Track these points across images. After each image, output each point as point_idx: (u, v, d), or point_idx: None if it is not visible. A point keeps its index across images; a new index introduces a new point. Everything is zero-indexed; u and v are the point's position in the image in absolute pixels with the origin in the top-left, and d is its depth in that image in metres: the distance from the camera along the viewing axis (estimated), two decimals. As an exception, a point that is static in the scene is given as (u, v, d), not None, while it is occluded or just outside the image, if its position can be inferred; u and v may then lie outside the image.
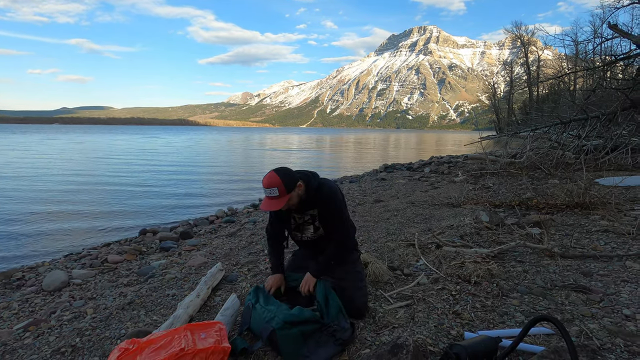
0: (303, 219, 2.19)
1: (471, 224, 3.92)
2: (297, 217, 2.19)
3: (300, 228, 2.22)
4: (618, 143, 7.94)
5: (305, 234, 2.22)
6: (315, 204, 2.11)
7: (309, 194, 2.07)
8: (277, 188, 1.92)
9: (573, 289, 2.30)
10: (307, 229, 2.20)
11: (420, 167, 12.46)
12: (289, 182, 1.95)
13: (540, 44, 43.31)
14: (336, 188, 2.18)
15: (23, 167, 15.95)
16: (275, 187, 1.92)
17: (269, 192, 1.94)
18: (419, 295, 2.34)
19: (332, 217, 2.12)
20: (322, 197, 2.09)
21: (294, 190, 1.98)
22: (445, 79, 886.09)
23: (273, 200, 1.96)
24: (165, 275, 3.30)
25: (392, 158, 21.05)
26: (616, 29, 8.58)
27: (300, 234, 2.24)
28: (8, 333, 2.39)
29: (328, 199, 2.10)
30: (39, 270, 4.31)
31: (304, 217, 2.18)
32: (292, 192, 1.98)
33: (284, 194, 1.94)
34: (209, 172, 16.00)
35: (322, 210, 2.12)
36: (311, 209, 2.14)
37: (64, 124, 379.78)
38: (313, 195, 2.08)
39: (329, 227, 2.15)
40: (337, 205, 2.13)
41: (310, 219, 2.18)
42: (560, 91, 29.41)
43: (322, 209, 2.12)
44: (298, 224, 2.22)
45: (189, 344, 1.62)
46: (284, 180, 1.94)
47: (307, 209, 2.14)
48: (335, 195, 2.13)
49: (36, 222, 7.09)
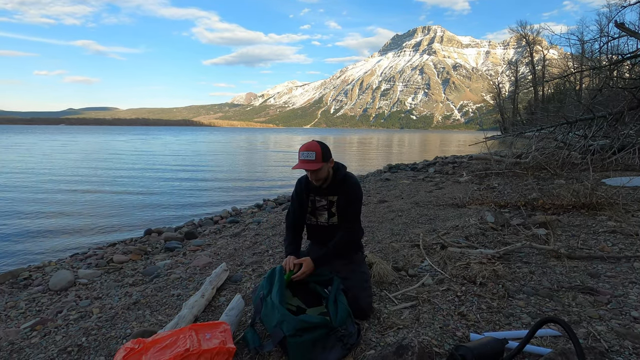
0: (321, 202, 2.28)
1: (476, 224, 3.89)
2: (316, 199, 2.29)
3: (315, 213, 2.31)
4: (625, 143, 7.86)
5: (320, 219, 2.31)
6: (337, 190, 2.23)
7: (335, 179, 2.22)
8: (315, 152, 2.08)
9: (580, 290, 2.28)
10: (322, 214, 2.30)
11: (424, 168, 12.41)
12: (326, 152, 2.13)
13: (545, 43, 43.07)
14: (359, 184, 2.30)
15: (29, 167, 16.12)
16: (313, 151, 2.08)
17: (306, 154, 2.08)
18: (424, 296, 2.32)
19: (350, 206, 2.22)
20: (347, 186, 2.22)
21: (328, 162, 2.13)
22: (449, 79, 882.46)
23: (308, 163, 2.09)
24: (170, 275, 3.31)
25: (396, 158, 21.01)
26: (623, 28, 8.49)
27: (315, 219, 2.32)
28: (15, 332, 2.41)
29: (351, 188, 2.22)
30: (46, 269, 4.35)
31: (322, 200, 2.28)
32: (326, 163, 2.12)
33: (319, 160, 2.08)
34: (213, 172, 16.06)
35: (343, 197, 2.22)
36: (332, 194, 2.24)
37: (70, 125, 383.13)
38: (339, 181, 2.22)
39: (343, 217, 2.24)
40: (358, 197, 2.25)
41: (327, 205, 2.27)
42: (566, 91, 29.18)
43: (343, 196, 2.22)
44: (315, 208, 2.30)
45: (194, 344, 1.62)
46: (322, 149, 2.11)
47: (329, 193, 2.25)
48: (359, 187, 2.27)
49: (42, 222, 7.16)
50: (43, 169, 15.90)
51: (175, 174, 14.86)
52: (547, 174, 7.29)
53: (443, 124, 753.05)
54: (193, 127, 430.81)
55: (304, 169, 2.11)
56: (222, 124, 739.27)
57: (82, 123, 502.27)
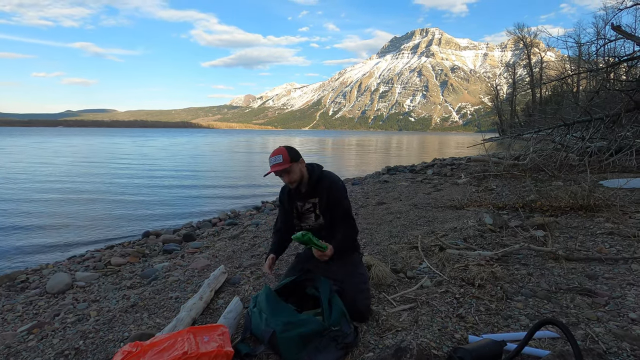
0: (305, 206, 2.33)
1: (475, 226, 3.90)
2: (299, 205, 2.35)
3: (301, 217, 2.36)
4: (622, 145, 7.90)
5: (306, 222, 2.35)
6: (316, 191, 2.28)
7: (311, 180, 2.27)
8: (282, 155, 2.16)
9: (578, 292, 2.28)
10: (308, 217, 2.35)
11: (422, 170, 12.42)
12: (293, 153, 2.20)
13: (542, 46, 43.22)
14: (337, 178, 2.34)
15: (27, 170, 16.06)
16: (280, 154, 2.16)
17: (274, 159, 2.16)
18: (422, 298, 2.32)
19: (336, 203, 2.26)
20: (325, 184, 2.26)
21: (297, 163, 2.20)
22: (447, 81, 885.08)
23: (277, 165, 2.16)
24: (168, 278, 3.30)
25: (395, 160, 21.04)
26: (619, 31, 8.54)
27: (301, 223, 2.37)
28: (12, 335, 2.40)
29: (330, 186, 2.26)
30: (43, 272, 4.33)
31: (305, 204, 2.33)
32: (295, 163, 2.18)
33: (287, 161, 2.15)
34: (211, 174, 16.04)
35: (325, 197, 2.26)
36: (313, 197, 2.30)
37: (67, 127, 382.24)
38: (315, 183, 2.27)
39: (331, 216, 2.28)
40: (340, 191, 2.28)
41: (312, 207, 2.32)
42: (563, 93, 29.30)
43: (324, 196, 2.26)
44: (300, 213, 2.36)
45: (192, 348, 1.62)
46: (288, 150, 2.19)
47: (309, 197, 2.31)
48: (338, 181, 2.31)
49: (39, 225, 7.13)
50: (41, 171, 15.85)
51: (172, 177, 14.84)
52: (544, 175, 7.31)
53: (441, 126, 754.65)
54: (191, 128, 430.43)
55: (273, 170, 2.18)
56: (220, 126, 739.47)
57: (80, 125, 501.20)
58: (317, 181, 2.27)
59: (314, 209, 2.31)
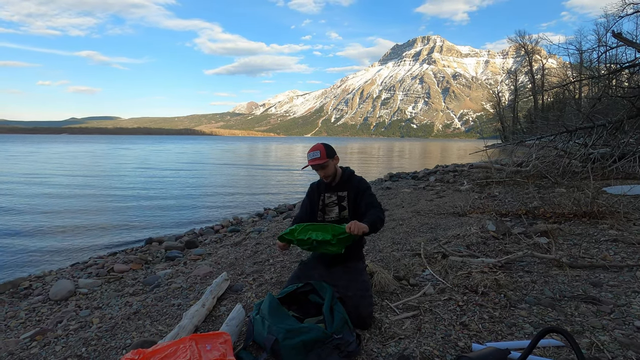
0: (331, 198, 2.45)
1: (477, 233, 3.88)
2: (326, 196, 2.46)
3: (325, 209, 2.46)
4: (625, 151, 7.87)
5: (330, 215, 2.44)
6: (346, 186, 2.43)
7: (343, 175, 2.45)
8: (320, 151, 2.34)
9: (582, 299, 2.26)
10: (332, 209, 2.45)
11: (425, 176, 12.41)
12: (329, 150, 2.38)
13: (544, 53, 43.38)
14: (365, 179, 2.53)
15: (28, 176, 16.17)
16: (318, 150, 2.34)
17: (312, 154, 2.34)
18: (425, 305, 2.31)
19: (364, 194, 2.38)
20: (354, 180, 2.44)
21: (333, 159, 2.37)
22: (449, 88, 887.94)
23: (315, 160, 2.32)
24: (170, 285, 3.30)
25: (397, 167, 21.03)
26: (620, 38, 8.57)
27: (325, 215, 2.45)
28: (15, 342, 2.40)
29: (358, 182, 2.44)
30: (46, 279, 4.34)
31: (332, 196, 2.45)
32: (331, 160, 2.36)
33: (324, 156, 2.33)
34: (214, 181, 16.09)
35: (353, 191, 2.40)
36: (341, 190, 2.44)
37: (72, 134, 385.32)
38: (347, 177, 2.45)
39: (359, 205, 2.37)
40: (367, 185, 2.44)
41: (337, 200, 2.44)
42: (565, 99, 29.30)
43: (353, 190, 2.40)
44: (325, 205, 2.46)
45: (194, 356, 1.61)
46: (326, 147, 2.37)
47: (338, 190, 2.44)
48: (365, 181, 2.49)
49: (43, 232, 7.16)
50: (44, 177, 15.95)
51: (175, 183, 14.89)
52: (547, 182, 7.29)
53: (443, 133, 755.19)
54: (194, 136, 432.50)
55: (311, 164, 2.35)
56: (223, 133, 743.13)
57: (84, 132, 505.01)
58: (348, 178, 2.44)
59: (339, 202, 2.43)
